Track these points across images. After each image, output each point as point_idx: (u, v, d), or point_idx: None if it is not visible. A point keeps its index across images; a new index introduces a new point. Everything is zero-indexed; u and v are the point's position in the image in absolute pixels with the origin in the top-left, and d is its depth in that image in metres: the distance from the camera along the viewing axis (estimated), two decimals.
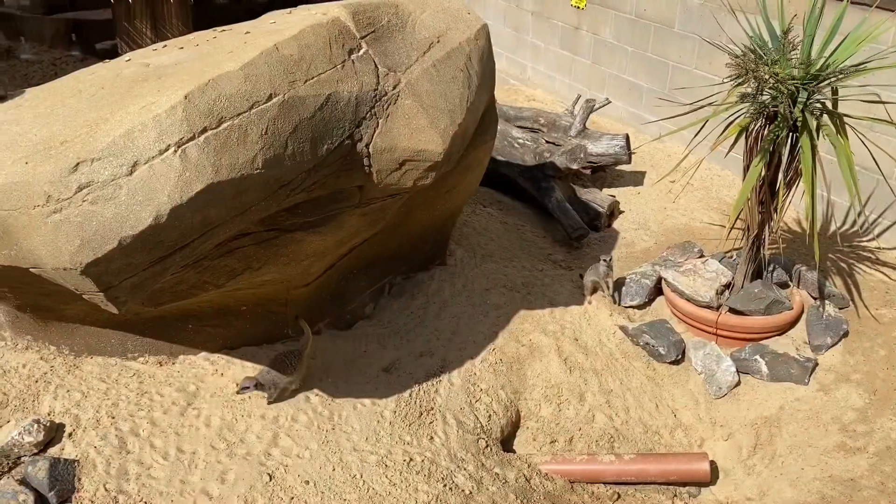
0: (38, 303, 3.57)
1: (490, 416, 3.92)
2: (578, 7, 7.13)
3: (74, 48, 8.20)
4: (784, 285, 4.48)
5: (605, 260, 4.51)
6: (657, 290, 4.68)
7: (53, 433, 3.48)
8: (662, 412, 4.12)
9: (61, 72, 7.75)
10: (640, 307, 4.64)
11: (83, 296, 2.75)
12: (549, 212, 5.41)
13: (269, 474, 3.38)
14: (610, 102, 6.41)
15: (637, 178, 6.13)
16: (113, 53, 7.34)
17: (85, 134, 2.67)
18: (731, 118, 4.00)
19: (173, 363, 3.90)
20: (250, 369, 3.86)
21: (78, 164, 2.57)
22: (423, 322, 4.40)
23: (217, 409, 3.65)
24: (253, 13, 8.27)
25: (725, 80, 3.82)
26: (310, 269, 3.73)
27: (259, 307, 3.92)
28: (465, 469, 3.56)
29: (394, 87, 3.25)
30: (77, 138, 2.67)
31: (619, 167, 6.04)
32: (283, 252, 3.44)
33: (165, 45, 3.48)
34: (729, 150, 4.32)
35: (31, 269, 2.80)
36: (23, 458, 3.35)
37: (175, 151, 2.61)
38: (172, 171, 2.61)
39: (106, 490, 3.26)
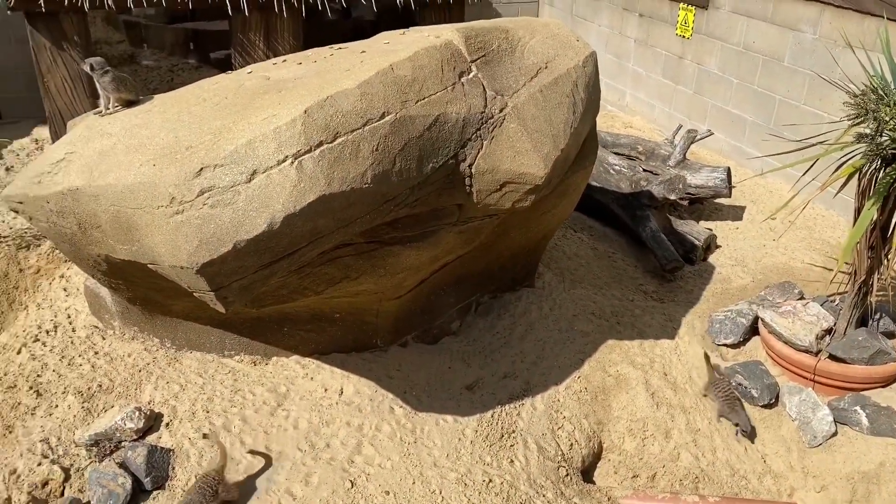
0: (147, 297, 3.77)
1: (572, 444, 3.88)
2: (684, 36, 7.03)
3: (191, 56, 8.64)
4: (890, 335, 4.26)
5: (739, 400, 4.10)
6: (753, 330, 4.53)
7: (152, 422, 3.65)
8: (751, 456, 3.98)
9: (178, 78, 8.20)
10: (733, 346, 4.50)
11: (194, 294, 2.89)
12: (642, 241, 5.33)
13: (351, 481, 3.44)
14: (712, 134, 6.28)
15: (736, 213, 5.97)
16: (227, 63, 7.69)
17: (209, 141, 2.83)
18: (844, 158, 3.85)
19: (266, 363, 4.03)
20: (339, 375, 3.96)
21: (202, 169, 2.72)
22: (509, 343, 4.40)
23: (305, 411, 3.76)
24: (359, 29, 8.53)
25: (843, 119, 3.68)
26: (404, 282, 3.80)
27: (351, 315, 4.01)
28: (543, 495, 3.53)
29: (500, 111, 3.29)
30: (201, 145, 2.82)
31: (717, 200, 5.90)
32: (380, 264, 3.52)
33: (285, 60, 3.64)
34: (838, 191, 4.16)
35: (148, 265, 2.97)
36: (123, 443, 3.54)
37: (292, 163, 2.73)
38: (288, 181, 2.72)
39: None
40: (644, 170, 5.71)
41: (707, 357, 4.23)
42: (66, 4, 6.03)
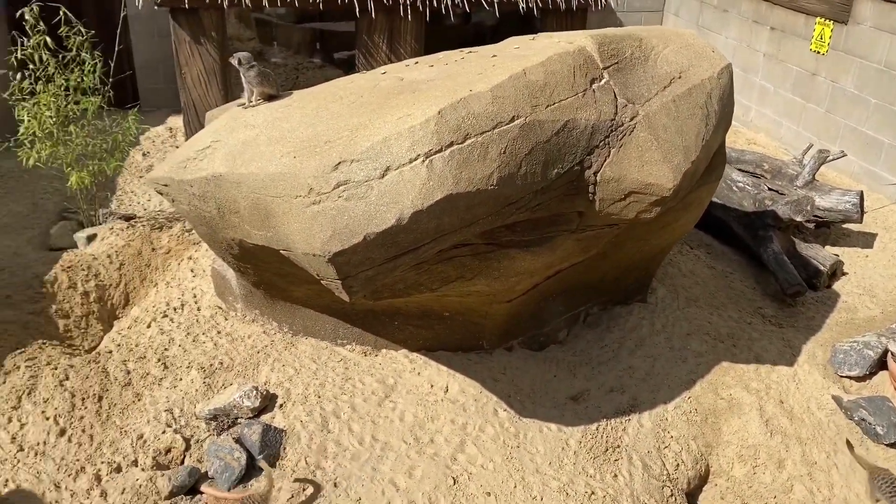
0: (271, 282, 3.94)
1: (678, 465, 3.78)
2: (819, 52, 6.71)
3: (316, 56, 8.97)
4: None
5: None
6: (881, 364, 4.27)
7: (267, 401, 3.82)
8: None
9: (302, 76, 8.52)
10: (858, 379, 4.26)
11: (322, 281, 3.00)
12: (762, 263, 5.12)
13: (453, 478, 3.48)
14: (845, 155, 5.95)
15: (866, 240, 5.64)
16: (350, 63, 7.95)
17: (346, 137, 2.94)
18: None
19: (376, 355, 4.14)
20: (445, 373, 4.01)
21: (339, 163, 2.82)
22: (617, 357, 4.33)
23: (411, 405, 3.83)
24: (479, 34, 8.61)
25: None
26: (516, 286, 3.80)
27: (460, 315, 4.05)
28: None
29: (631, 119, 3.25)
30: (339, 140, 2.93)
31: (846, 225, 5.60)
32: (495, 266, 3.54)
33: (417, 62, 3.73)
34: None
35: (281, 251, 3.11)
36: (239, 420, 3.71)
37: (423, 161, 2.79)
38: (418, 179, 2.79)
39: (306, 463, 3.52)
40: (769, 188, 5.48)
41: (850, 445, 3.83)
42: (207, 1, 6.39)
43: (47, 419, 3.66)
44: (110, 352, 4.15)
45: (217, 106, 5.73)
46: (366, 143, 2.85)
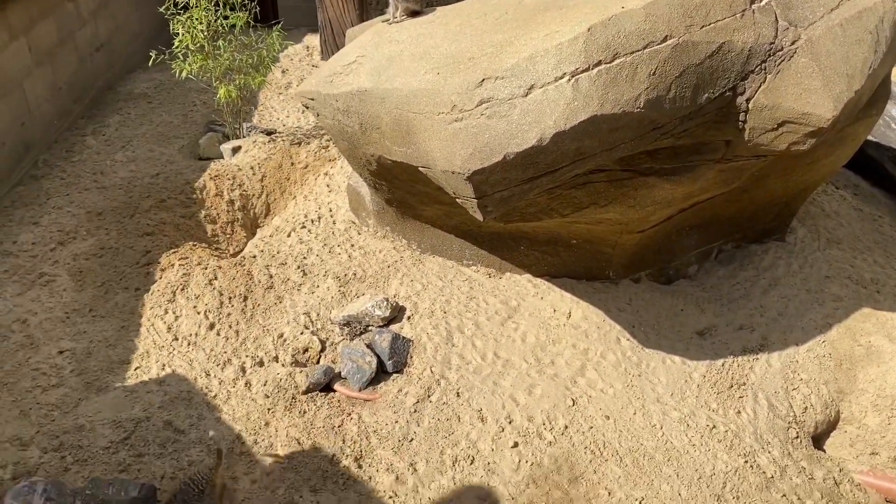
0: (403, 200, 4.05)
1: (806, 408, 3.67)
2: None
3: None
4: None
5: None
6: None
7: (396, 312, 3.99)
8: None
9: None
10: None
11: (457, 199, 3.06)
12: None
13: (572, 399, 3.55)
14: None
15: None
16: None
17: (490, 53, 2.92)
18: None
19: (500, 277, 4.21)
20: (568, 299, 4.03)
21: (483, 80, 2.83)
22: (748, 295, 4.20)
23: (533, 327, 3.90)
24: None
25: None
26: (650, 216, 3.73)
27: (588, 244, 4.04)
28: (769, 452, 3.41)
29: (792, 43, 3.05)
30: (483, 56, 2.93)
31: None
32: (631, 194, 3.48)
33: None
34: None
35: (419, 168, 3.18)
36: (370, 328, 3.91)
37: (569, 80, 2.75)
38: (563, 99, 2.75)
39: (431, 372, 3.68)
40: None
41: None
42: None
43: (198, 314, 4.00)
44: (254, 256, 4.43)
45: (353, 25, 5.82)
46: (510, 60, 2.83)
